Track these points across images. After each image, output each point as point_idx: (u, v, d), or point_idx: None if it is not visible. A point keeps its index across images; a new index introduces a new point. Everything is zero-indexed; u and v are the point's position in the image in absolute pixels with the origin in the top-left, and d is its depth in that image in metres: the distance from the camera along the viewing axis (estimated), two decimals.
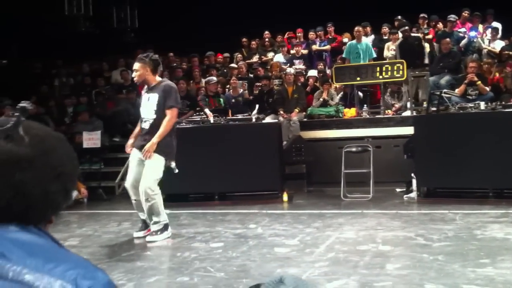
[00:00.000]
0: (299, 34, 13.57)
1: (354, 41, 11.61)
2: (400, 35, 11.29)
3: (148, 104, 5.63)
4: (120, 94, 12.24)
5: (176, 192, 8.23)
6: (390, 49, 11.66)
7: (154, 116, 5.57)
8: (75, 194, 8.22)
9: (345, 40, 12.31)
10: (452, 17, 11.74)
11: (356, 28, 11.69)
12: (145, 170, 5.50)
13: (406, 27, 11.14)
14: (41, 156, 1.07)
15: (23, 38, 14.07)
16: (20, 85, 13.70)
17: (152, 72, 5.66)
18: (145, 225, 5.76)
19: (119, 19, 15.39)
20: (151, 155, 5.45)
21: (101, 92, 12.47)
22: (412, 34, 11.16)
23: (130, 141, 5.85)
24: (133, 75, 5.76)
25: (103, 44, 14.44)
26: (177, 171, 5.80)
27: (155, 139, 5.46)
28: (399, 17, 12.59)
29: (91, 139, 9.61)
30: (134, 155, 5.70)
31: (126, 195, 9.94)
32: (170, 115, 5.59)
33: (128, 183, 5.77)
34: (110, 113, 11.39)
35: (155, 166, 5.52)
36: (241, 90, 11.18)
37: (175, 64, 13.50)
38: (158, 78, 5.76)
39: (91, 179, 9.77)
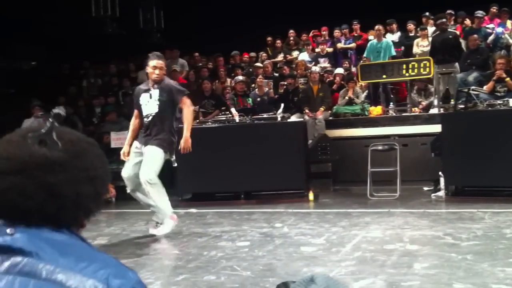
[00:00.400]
0: (324, 32, 13.52)
1: (374, 40, 11.54)
2: (431, 30, 11.14)
3: (151, 101, 5.69)
4: None
5: (202, 191, 8.31)
6: (419, 46, 11.54)
7: (156, 110, 5.67)
8: None
9: (371, 37, 12.23)
10: (480, 13, 11.56)
11: (376, 27, 11.63)
12: (145, 161, 5.59)
13: (444, 20, 10.99)
14: (73, 160, 1.11)
15: (52, 40, 14.30)
16: (49, 86, 13.97)
17: None
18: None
19: (145, 20, 15.53)
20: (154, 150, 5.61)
21: (128, 92, 12.60)
22: (449, 30, 11.00)
23: (126, 148, 5.86)
24: (157, 73, 5.67)
25: (130, 45, 14.59)
26: (175, 164, 5.99)
27: (187, 133, 5.66)
28: (427, 13, 12.45)
29: (119, 139, 9.73)
30: (135, 149, 5.76)
31: None
32: (188, 102, 5.77)
33: (125, 174, 5.83)
34: None
35: (156, 157, 5.62)
36: (267, 89, 11.20)
37: (200, 64, 13.57)
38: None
39: (120, 178, 9.84)
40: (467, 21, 12.10)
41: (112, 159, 9.95)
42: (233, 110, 9.97)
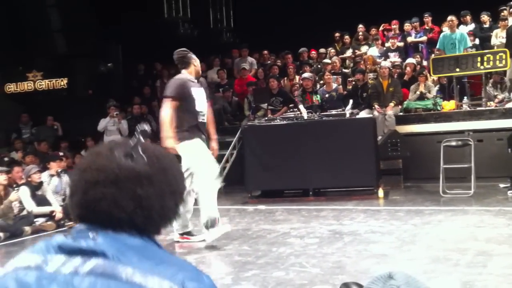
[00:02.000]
0: (394, 26, 13.23)
1: (448, 32, 11.19)
2: (511, 21, 10.68)
3: (202, 98, 5.66)
4: (217, 92, 12.57)
5: (271, 188, 8.38)
6: (498, 37, 11.10)
7: (206, 109, 5.75)
8: None
9: (445, 29, 11.85)
10: None
11: (449, 18, 11.25)
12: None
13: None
14: (158, 174, 1.18)
15: (127, 41, 14.82)
16: (124, 87, 14.49)
17: None
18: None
19: (216, 20, 15.79)
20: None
21: None
22: None
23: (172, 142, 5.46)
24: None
25: (201, 45, 14.88)
26: None
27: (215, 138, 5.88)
28: (511, 3, 11.92)
29: None
30: (203, 145, 5.59)
31: (223, 190, 10.12)
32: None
33: (217, 172, 5.60)
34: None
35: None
36: (335, 85, 11.12)
37: (269, 62, 13.65)
38: None
39: None
40: None
41: None
42: (301, 107, 9.96)
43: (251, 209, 7.59)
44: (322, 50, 13.59)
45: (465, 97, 10.02)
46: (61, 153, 9.66)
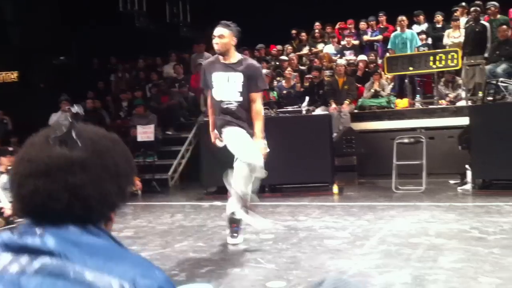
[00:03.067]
0: (350, 25, 13.41)
1: (398, 31, 11.43)
2: (462, 22, 10.98)
3: (229, 85, 4.76)
4: (173, 88, 12.46)
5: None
6: (450, 36, 11.37)
7: (240, 99, 4.74)
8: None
9: (399, 29, 12.07)
10: (492, 4, 11.30)
11: (399, 18, 11.51)
12: None
13: (478, 8, 10.82)
14: (94, 158, 1.11)
15: (81, 34, 14.50)
16: (78, 81, 14.18)
17: (235, 44, 4.81)
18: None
19: (172, 14, 15.59)
20: None
21: (155, 86, 12.72)
22: (481, 22, 10.80)
23: (213, 134, 5.20)
24: (216, 42, 4.74)
25: (157, 39, 14.69)
26: None
27: (261, 135, 4.83)
28: (463, 3, 12.23)
29: (145, 133, 9.85)
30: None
31: (178, 187, 10.26)
32: (261, 100, 4.87)
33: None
34: (164, 107, 11.61)
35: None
36: (294, 82, 11.17)
37: None
38: (238, 54, 4.87)
39: (145, 171, 10.02)
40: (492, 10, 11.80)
41: (139, 152, 10.10)
42: None
43: (206, 205, 7.55)
44: (278, 47, 13.65)
45: (418, 96, 10.24)
46: (11, 148, 9.36)
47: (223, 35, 4.73)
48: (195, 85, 12.47)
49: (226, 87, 4.76)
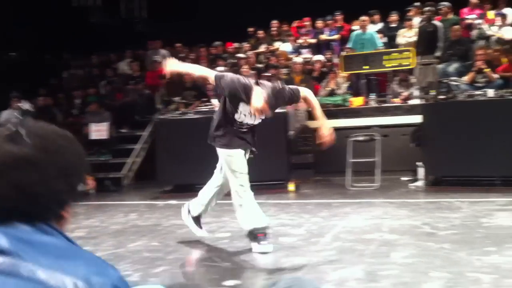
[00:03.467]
0: (307, 23, 13.49)
1: (359, 31, 11.57)
2: (416, 22, 11.19)
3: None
4: (128, 85, 12.27)
5: (184, 182, 8.28)
6: (404, 36, 11.59)
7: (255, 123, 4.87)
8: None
9: (355, 27, 12.23)
10: (445, 4, 11.60)
11: (361, 18, 11.65)
12: None
13: (432, 8, 11.06)
14: (43, 155, 1.09)
15: (33, 30, 14.11)
16: (30, 78, 13.79)
17: None
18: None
19: (128, 9, 15.38)
20: None
21: (110, 83, 12.50)
22: (433, 22, 11.05)
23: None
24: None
25: (112, 35, 14.45)
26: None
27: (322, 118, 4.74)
28: (418, 3, 12.48)
29: (99, 131, 9.67)
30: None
31: (133, 186, 10.12)
32: (309, 95, 4.79)
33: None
34: (119, 104, 11.42)
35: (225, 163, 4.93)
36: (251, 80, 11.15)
37: (182, 55, 13.47)
38: None
39: (99, 170, 9.84)
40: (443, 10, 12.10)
41: (93, 151, 9.91)
42: (214, 101, 9.92)
43: (161, 204, 7.47)
44: (235, 45, 13.62)
45: (373, 94, 10.39)
46: None
47: None
48: (150, 82, 12.32)
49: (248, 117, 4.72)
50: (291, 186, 7.94)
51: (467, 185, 7.15)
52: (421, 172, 7.52)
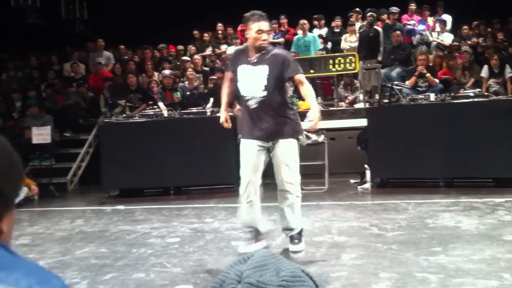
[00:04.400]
0: None
1: (301, 35, 11.75)
2: (357, 27, 11.41)
3: (254, 80, 4.42)
4: (70, 87, 11.95)
5: (130, 187, 8.14)
6: (347, 41, 11.81)
7: (264, 94, 4.41)
8: (25, 191, 7.99)
9: (299, 32, 12.37)
10: (395, 9, 11.94)
11: (301, 22, 11.83)
12: (284, 160, 4.57)
13: (374, 14, 11.31)
14: None
15: None
16: None
17: None
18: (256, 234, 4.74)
19: (68, 10, 14.99)
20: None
21: (51, 85, 12.12)
22: (374, 27, 11.31)
23: (225, 114, 4.84)
24: (265, 38, 4.37)
25: (52, 36, 14.05)
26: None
27: (315, 108, 4.47)
28: (357, 9, 12.75)
29: (41, 135, 9.36)
30: (251, 144, 4.61)
31: (78, 191, 9.85)
32: (304, 82, 4.48)
33: (246, 180, 4.67)
34: (60, 107, 11.11)
35: (296, 154, 4.64)
36: (197, 83, 11.10)
37: (126, 57, 13.26)
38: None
39: (42, 175, 9.53)
40: (384, 16, 12.44)
41: (35, 155, 9.58)
42: (160, 104, 9.82)
43: (109, 210, 7.30)
44: (179, 47, 13.49)
45: (319, 98, 10.53)
46: None
47: (270, 30, 4.49)
48: (94, 85, 12.05)
49: (250, 82, 4.43)
50: None
51: (412, 187, 7.36)
52: (368, 174, 7.67)
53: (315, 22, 13.22)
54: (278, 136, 4.50)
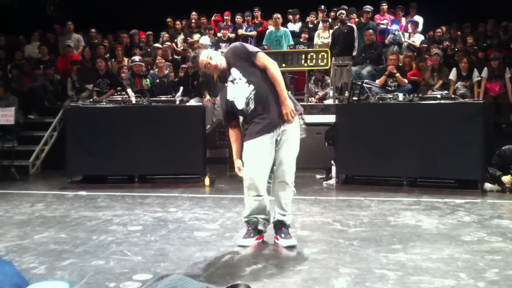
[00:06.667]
0: (227, 18, 13.47)
1: (273, 29, 11.74)
2: (327, 23, 11.46)
3: (236, 86, 4.34)
4: (38, 69, 11.69)
5: (94, 173, 8.02)
6: (320, 37, 11.85)
7: (251, 89, 4.30)
8: None
9: (270, 27, 12.37)
10: (368, 7, 12.03)
11: (274, 16, 11.83)
12: (289, 153, 4.47)
13: (344, 12, 11.39)
14: None
15: None
16: None
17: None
18: (259, 231, 4.62)
19: None
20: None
21: (17, 67, 11.84)
22: (349, 24, 11.36)
23: (239, 163, 4.74)
24: (212, 63, 4.32)
25: (21, 17, 13.72)
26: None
27: (284, 98, 4.33)
28: (322, 6, 12.82)
29: (4, 116, 9.15)
30: (259, 142, 4.37)
31: (40, 175, 9.67)
32: (268, 64, 4.30)
33: (259, 174, 4.49)
34: (26, 89, 10.86)
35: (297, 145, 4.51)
36: (167, 71, 11.00)
37: (96, 41, 13.03)
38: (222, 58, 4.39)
39: (4, 157, 9.33)
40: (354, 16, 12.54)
41: None
42: (129, 90, 9.69)
43: (70, 195, 7.18)
44: (149, 33, 13.31)
45: (289, 92, 10.54)
46: None
47: (211, 58, 4.33)
48: (62, 68, 11.83)
49: (236, 90, 4.34)
50: (207, 180, 7.91)
51: (376, 185, 7.45)
52: (334, 170, 7.72)
53: (290, 17, 13.23)
54: (283, 122, 4.35)
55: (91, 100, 8.65)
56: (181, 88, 9.69)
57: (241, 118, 4.56)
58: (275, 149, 4.42)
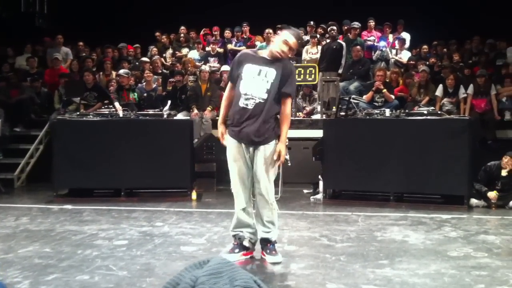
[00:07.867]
0: (216, 32, 13.52)
1: (264, 44, 11.79)
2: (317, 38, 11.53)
3: (259, 79, 4.33)
4: (25, 81, 11.62)
5: (80, 186, 7.96)
6: (309, 52, 11.92)
7: (265, 96, 4.29)
8: None
9: (257, 43, 12.42)
10: (356, 24, 12.13)
11: (266, 31, 11.87)
12: (262, 167, 4.47)
13: (335, 28, 11.46)
14: None
15: None
16: None
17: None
18: (245, 247, 4.60)
19: (27, 3, 14.62)
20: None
21: (4, 79, 11.75)
22: (338, 40, 11.43)
23: (222, 128, 4.67)
24: (283, 49, 4.37)
25: (10, 28, 13.66)
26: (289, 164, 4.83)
27: (284, 141, 4.42)
28: (311, 22, 12.90)
29: None
30: (239, 150, 4.47)
31: (25, 188, 9.58)
32: (289, 105, 4.44)
33: (239, 186, 4.63)
34: (13, 101, 10.79)
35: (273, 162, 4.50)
36: (155, 84, 10.99)
37: (84, 54, 13.01)
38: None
39: None
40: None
41: None
42: (116, 104, 9.66)
43: (56, 209, 7.11)
44: (137, 45, 13.31)
45: None
46: None
47: (293, 50, 4.49)
48: (49, 80, 11.77)
49: (255, 81, 4.32)
50: (193, 195, 7.88)
51: (363, 199, 7.47)
52: (322, 185, 7.73)
53: (279, 32, 13.28)
54: (261, 142, 4.38)
55: (78, 113, 8.61)
56: (169, 102, 9.68)
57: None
58: (252, 165, 4.48)
